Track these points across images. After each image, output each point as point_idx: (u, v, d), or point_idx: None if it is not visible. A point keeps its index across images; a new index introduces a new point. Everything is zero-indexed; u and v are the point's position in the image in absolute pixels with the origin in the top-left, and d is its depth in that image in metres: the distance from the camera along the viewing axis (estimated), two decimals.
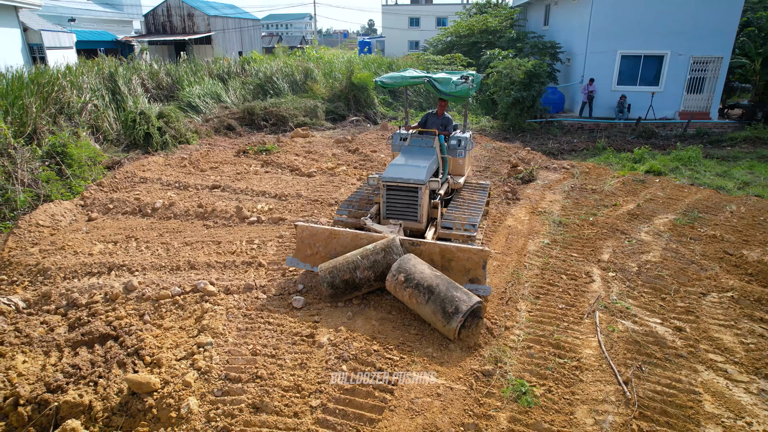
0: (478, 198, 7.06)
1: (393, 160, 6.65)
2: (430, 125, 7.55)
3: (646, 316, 5.28)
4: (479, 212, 6.50)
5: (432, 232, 6.18)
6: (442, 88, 6.53)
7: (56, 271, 6.29)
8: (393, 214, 6.23)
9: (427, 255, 5.29)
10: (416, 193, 6.03)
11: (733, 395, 4.10)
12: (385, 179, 6.13)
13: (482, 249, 5.17)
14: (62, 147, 10.93)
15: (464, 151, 7.34)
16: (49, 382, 4.28)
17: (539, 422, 3.77)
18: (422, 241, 5.41)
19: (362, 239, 5.50)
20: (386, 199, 6.20)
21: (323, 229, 5.69)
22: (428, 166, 6.29)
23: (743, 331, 4.99)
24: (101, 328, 5.02)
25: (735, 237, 7.32)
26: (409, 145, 7.01)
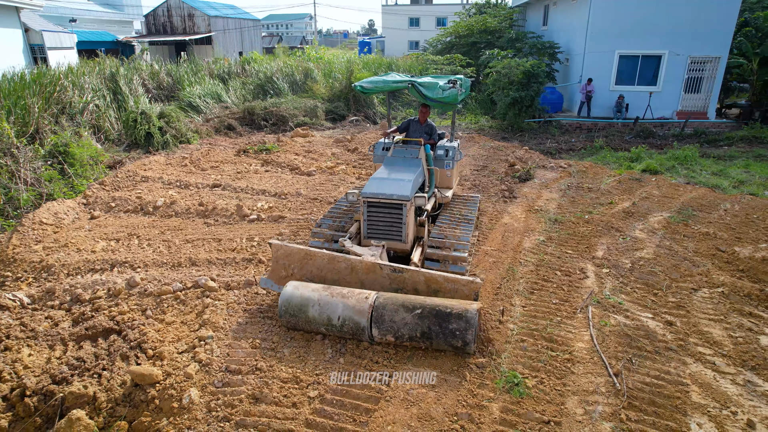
0: (468, 213, 6.62)
1: (375, 173, 6.07)
2: (412, 133, 7.03)
3: (638, 311, 5.39)
4: (470, 229, 6.07)
5: (418, 252, 5.63)
6: (428, 94, 6.00)
7: (60, 268, 6.40)
8: (375, 234, 5.66)
9: (411, 284, 4.78)
10: (400, 211, 5.46)
11: (720, 386, 4.21)
12: (365, 195, 5.56)
13: (473, 280, 4.60)
14: (64, 146, 11.06)
15: (452, 161, 6.88)
16: (54, 374, 4.40)
17: (530, 412, 3.88)
18: (405, 268, 4.83)
19: (339, 262, 4.99)
20: (367, 217, 5.63)
21: (298, 249, 5.15)
22: (413, 179, 5.76)
23: (732, 326, 5.10)
24: (104, 323, 5.14)
25: (728, 234, 7.43)
26: (392, 156, 6.46)
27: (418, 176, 5.97)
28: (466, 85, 6.95)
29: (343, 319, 4.51)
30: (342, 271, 4.99)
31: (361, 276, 4.90)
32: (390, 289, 4.77)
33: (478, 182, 10.13)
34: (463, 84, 6.74)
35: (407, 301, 4.45)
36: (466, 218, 6.41)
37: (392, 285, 4.82)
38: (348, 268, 4.96)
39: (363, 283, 4.92)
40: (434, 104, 6.28)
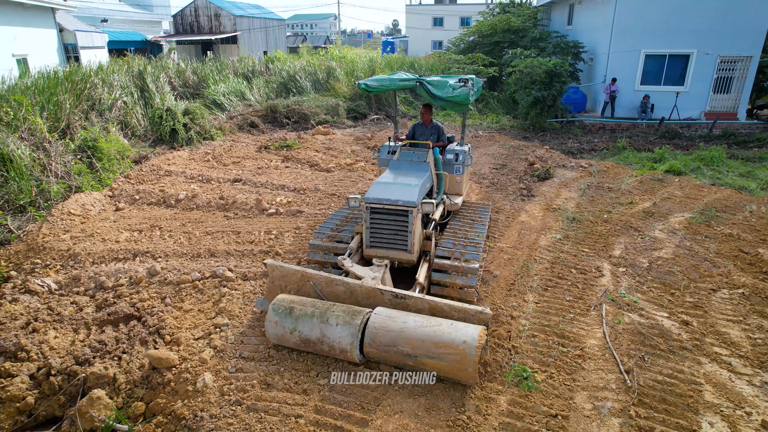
0: (479, 222, 6.22)
1: (379, 177, 5.72)
2: (419, 137, 6.68)
3: (654, 310, 5.33)
4: (482, 240, 5.65)
5: (424, 270, 5.16)
6: (437, 93, 5.65)
7: (86, 257, 6.64)
8: (378, 244, 5.26)
9: (414, 311, 4.37)
10: (406, 218, 5.07)
11: (735, 387, 4.14)
12: (368, 201, 5.18)
13: (482, 310, 4.11)
14: (93, 141, 11.41)
15: (462, 166, 6.51)
16: (77, 356, 4.58)
17: (538, 405, 3.89)
18: (408, 294, 4.37)
19: (338, 286, 4.61)
20: (370, 224, 5.25)
21: (294, 271, 4.79)
22: (420, 184, 5.41)
23: (751, 327, 5.00)
24: (126, 309, 5.32)
25: (752, 236, 7.26)
26: (398, 160, 6.10)
27: (425, 181, 5.64)
28: (478, 85, 6.58)
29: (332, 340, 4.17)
30: (341, 296, 4.65)
31: (361, 301, 4.57)
32: None
33: (496, 180, 10.10)
34: (475, 84, 6.35)
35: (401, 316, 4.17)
36: (478, 227, 6.02)
37: None
38: (347, 292, 4.61)
39: None
40: (444, 104, 5.86)
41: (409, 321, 4.05)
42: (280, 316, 4.39)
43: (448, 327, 3.94)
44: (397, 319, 4.09)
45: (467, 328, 3.91)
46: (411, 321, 4.05)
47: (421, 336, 3.93)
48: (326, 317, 4.23)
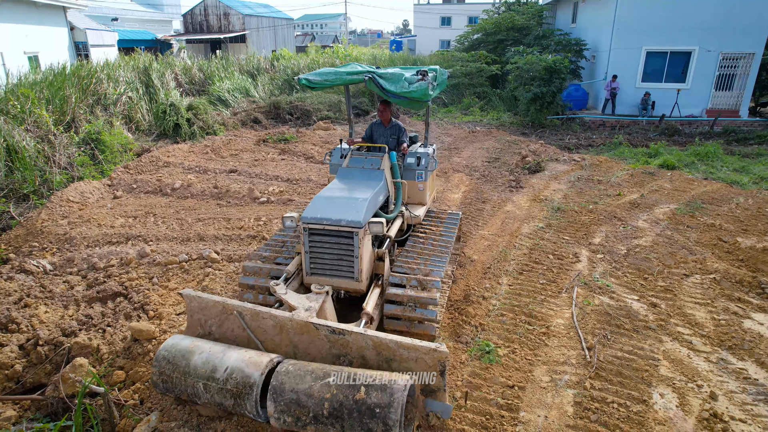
0: (444, 236, 5.37)
1: (321, 191, 4.83)
2: (377, 139, 5.76)
3: (625, 293, 5.45)
4: (444, 259, 4.83)
5: (374, 298, 4.32)
6: (389, 88, 4.72)
7: (81, 240, 6.90)
8: (320, 270, 4.45)
9: (356, 350, 3.57)
10: (351, 240, 4.25)
11: (692, 363, 4.26)
12: (306, 220, 4.35)
13: (437, 348, 3.32)
14: (97, 134, 11.72)
15: (425, 172, 5.62)
16: (64, 328, 4.82)
17: (496, 377, 4.04)
18: (347, 329, 3.54)
19: (265, 319, 3.78)
20: (309, 248, 4.40)
21: (214, 303, 3.97)
22: (370, 198, 4.57)
23: (717, 309, 5.11)
24: (114, 288, 5.56)
25: (734, 226, 7.33)
26: (347, 167, 5.23)
27: (377, 193, 4.82)
28: (442, 77, 5.78)
29: (230, 371, 3.36)
30: (269, 331, 3.81)
31: (293, 337, 3.74)
32: (330, 355, 3.65)
33: (487, 173, 10.23)
34: (438, 76, 5.55)
35: (319, 367, 3.32)
36: (441, 244, 5.15)
37: (332, 350, 3.64)
38: (276, 326, 3.77)
39: (296, 346, 3.74)
40: (399, 101, 5.00)
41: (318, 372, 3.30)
42: (175, 352, 3.61)
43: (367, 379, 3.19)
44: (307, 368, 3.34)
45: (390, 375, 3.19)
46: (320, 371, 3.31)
47: None
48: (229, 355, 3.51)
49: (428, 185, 5.82)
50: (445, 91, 22.89)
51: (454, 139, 13.95)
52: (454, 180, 9.72)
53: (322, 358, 3.64)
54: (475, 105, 20.98)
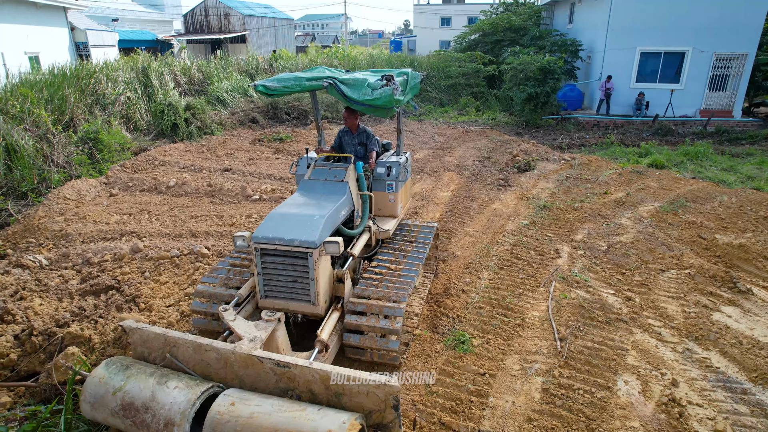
0: (415, 254, 5.00)
1: (278, 207, 4.51)
2: (346, 147, 5.52)
3: (601, 288, 5.62)
4: (411, 281, 4.48)
5: (331, 323, 4.07)
6: (351, 95, 4.44)
7: (76, 236, 7.09)
8: (274, 293, 4.19)
9: (304, 384, 3.37)
10: (305, 262, 3.98)
11: (658, 352, 4.43)
12: (257, 240, 4.08)
13: (386, 382, 3.12)
14: (95, 134, 11.93)
15: (396, 182, 5.28)
16: (58, 319, 5.01)
17: (469, 365, 4.22)
18: (292, 363, 3.33)
19: (207, 352, 3.56)
20: (262, 270, 4.13)
21: (156, 335, 3.76)
22: (328, 215, 4.25)
23: (689, 302, 5.27)
24: (107, 281, 5.74)
25: (715, 224, 7.49)
26: (309, 179, 4.90)
27: (338, 208, 4.49)
28: (414, 81, 5.33)
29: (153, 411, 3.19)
30: (213, 364, 3.59)
31: (239, 371, 3.54)
32: (277, 389, 3.45)
33: (477, 172, 10.40)
34: (410, 80, 5.13)
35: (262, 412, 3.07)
36: (410, 263, 4.81)
37: (279, 383, 3.45)
38: (220, 360, 3.55)
39: (242, 379, 3.55)
40: (362, 108, 4.59)
41: (265, 405, 3.14)
42: (110, 371, 3.43)
43: (312, 414, 3.04)
44: (249, 402, 3.16)
45: (338, 416, 3.00)
46: (267, 405, 3.14)
47: (273, 425, 2.99)
48: (167, 379, 3.36)
49: (400, 196, 5.45)
50: (442, 91, 23.09)
51: (448, 138, 14.12)
52: (444, 179, 9.90)
53: (270, 392, 3.44)
54: (471, 105, 21.15)
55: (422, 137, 14.25)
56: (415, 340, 4.61)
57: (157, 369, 3.51)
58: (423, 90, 22.80)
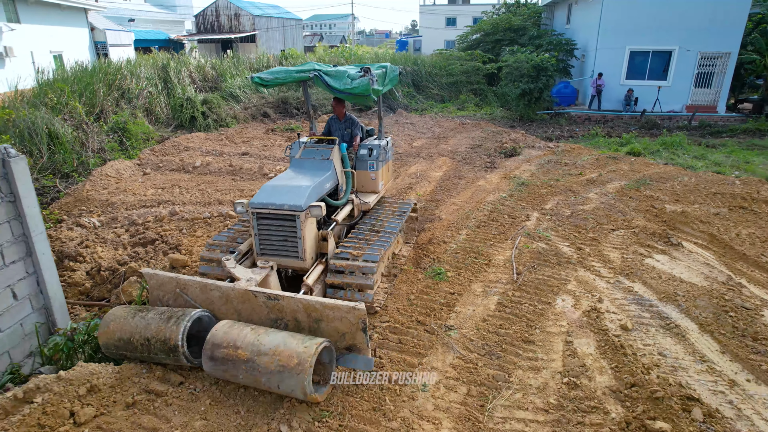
0: (390, 223, 5.79)
1: (271, 180, 5.36)
2: (334, 132, 6.39)
3: (559, 241, 6.80)
4: (384, 245, 5.25)
5: (316, 272, 4.90)
6: (334, 84, 5.21)
7: (120, 205, 8.36)
8: (268, 251, 4.97)
9: (290, 313, 4.09)
10: (294, 223, 4.77)
11: (594, 283, 5.62)
12: (254, 206, 4.86)
13: (356, 306, 3.81)
14: (123, 124, 13.24)
15: (377, 162, 6.13)
16: (118, 260, 6.26)
17: (442, 288, 5.43)
18: (280, 294, 4.09)
19: (212, 291, 4.31)
20: (258, 231, 4.95)
21: (169, 279, 4.51)
22: (314, 185, 5.05)
23: (629, 252, 6.45)
24: (152, 236, 7.00)
25: (670, 197, 8.63)
26: (299, 158, 5.72)
27: (324, 181, 5.31)
28: (393, 73, 6.16)
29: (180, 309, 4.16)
30: (216, 301, 4.34)
31: (237, 306, 4.28)
32: (268, 319, 4.17)
33: (468, 157, 11.60)
34: (388, 73, 5.95)
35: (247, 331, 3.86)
36: (385, 231, 5.58)
37: (270, 315, 4.17)
38: (222, 297, 4.30)
39: (239, 312, 4.28)
40: (344, 96, 5.43)
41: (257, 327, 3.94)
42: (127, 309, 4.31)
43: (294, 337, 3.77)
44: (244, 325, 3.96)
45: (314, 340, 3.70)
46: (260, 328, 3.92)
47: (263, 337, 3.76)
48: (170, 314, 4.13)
49: (380, 175, 6.27)
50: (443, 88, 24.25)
51: (445, 129, 15.33)
52: (438, 162, 11.11)
53: (263, 322, 4.17)
54: (470, 101, 22.30)
55: (421, 128, 15.46)
56: (402, 273, 5.82)
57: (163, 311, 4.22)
58: (425, 87, 24.01)
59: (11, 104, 12.26)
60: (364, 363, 3.89)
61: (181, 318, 4.00)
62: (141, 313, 4.19)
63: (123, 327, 4.12)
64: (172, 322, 3.99)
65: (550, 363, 4.23)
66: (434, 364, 4.20)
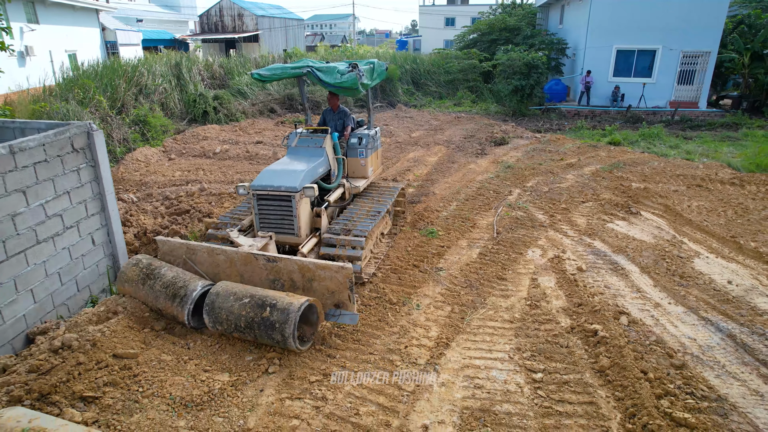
0: (377, 205, 6.34)
1: (270, 165, 5.93)
2: (328, 123, 6.97)
3: (535, 210, 7.95)
4: (371, 222, 5.79)
5: (311, 243, 5.50)
6: (325, 79, 5.75)
7: (153, 184, 9.49)
8: (268, 228, 5.55)
9: (286, 273, 4.63)
10: (290, 203, 5.32)
11: (561, 240, 6.76)
12: (254, 188, 5.43)
13: (343, 266, 4.34)
14: (143, 117, 14.37)
15: (366, 150, 6.67)
16: (161, 225, 7.40)
17: (434, 243, 6.58)
18: (278, 257, 4.66)
19: (218, 255, 4.91)
20: (258, 210, 5.52)
21: (180, 244, 5.09)
22: (307, 170, 5.57)
23: (593, 218, 7.59)
24: (186, 207, 8.13)
25: (638, 178, 9.77)
26: (295, 146, 6.28)
27: (317, 166, 5.84)
28: (380, 68, 6.73)
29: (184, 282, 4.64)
30: (221, 264, 4.91)
31: (240, 268, 4.82)
32: (267, 280, 4.73)
33: (461, 145, 12.75)
34: (376, 68, 6.52)
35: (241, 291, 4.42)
36: (373, 211, 6.13)
37: (269, 276, 4.73)
38: (227, 260, 4.86)
39: (242, 275, 4.82)
40: (334, 90, 5.98)
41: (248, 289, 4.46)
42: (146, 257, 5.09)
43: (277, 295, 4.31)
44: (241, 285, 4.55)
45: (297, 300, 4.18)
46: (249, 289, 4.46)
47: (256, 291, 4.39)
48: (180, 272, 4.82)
49: (370, 161, 6.83)
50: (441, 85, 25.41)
51: (441, 122, 16.48)
52: (434, 150, 12.26)
53: (262, 283, 4.75)
54: (467, 98, 23.45)
55: (419, 122, 16.61)
56: (401, 233, 6.96)
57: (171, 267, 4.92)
58: (424, 84, 25.18)
59: (45, 99, 13.40)
60: (350, 318, 4.46)
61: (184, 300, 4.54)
62: (150, 282, 4.79)
63: (136, 292, 4.86)
64: (177, 302, 4.57)
65: (518, 292, 5.38)
66: (426, 293, 5.35)
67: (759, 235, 6.81)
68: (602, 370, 4.07)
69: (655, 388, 3.75)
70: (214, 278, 4.99)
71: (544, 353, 4.33)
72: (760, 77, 19.70)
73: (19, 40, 20.25)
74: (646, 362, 4.08)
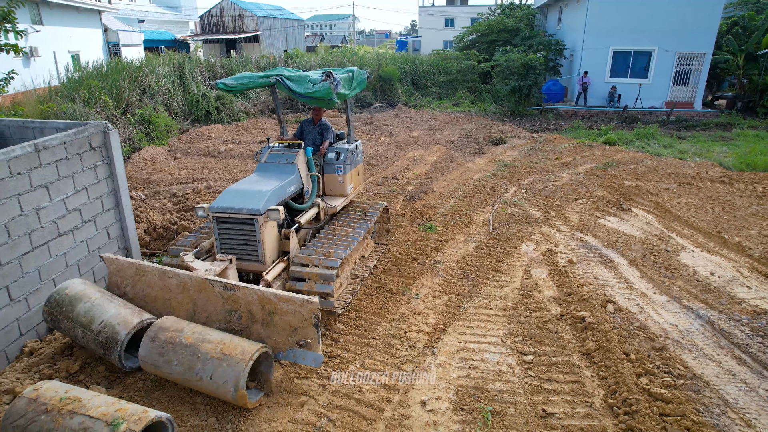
0: (355, 228, 5.71)
1: (234, 184, 5.35)
2: (306, 136, 6.38)
3: (529, 207, 8.25)
4: (351, 245, 5.25)
5: (277, 269, 4.94)
6: (296, 89, 5.20)
7: (160, 182, 9.78)
8: (228, 253, 4.97)
9: (245, 304, 4.09)
10: (252, 227, 4.79)
11: (554, 235, 7.06)
12: (213, 210, 4.91)
13: (309, 300, 3.83)
14: (147, 117, 14.67)
15: (344, 165, 6.03)
16: (170, 221, 7.69)
17: (432, 237, 6.88)
18: (237, 285, 4.10)
19: (170, 279, 4.35)
20: (218, 234, 4.98)
21: (129, 264, 4.54)
22: (273, 190, 5.03)
23: (586, 214, 7.89)
24: (193, 204, 8.42)
25: (630, 176, 10.07)
26: (265, 162, 5.67)
27: (286, 185, 5.29)
28: (360, 77, 6.09)
29: (104, 325, 3.98)
30: (173, 289, 4.36)
31: (193, 294, 4.28)
32: (223, 311, 4.16)
33: (459, 145, 13.05)
34: (355, 77, 5.92)
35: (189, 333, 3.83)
36: (351, 234, 5.54)
37: (225, 306, 4.16)
38: (179, 285, 4.31)
39: (195, 303, 4.27)
40: (306, 101, 5.41)
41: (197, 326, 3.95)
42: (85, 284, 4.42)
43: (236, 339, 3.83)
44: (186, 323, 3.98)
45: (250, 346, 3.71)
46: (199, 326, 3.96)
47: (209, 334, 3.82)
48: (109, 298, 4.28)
49: (349, 178, 6.18)
50: (440, 86, 25.72)
51: (440, 123, 16.79)
52: (433, 149, 12.56)
53: (217, 314, 4.18)
54: (466, 98, 23.76)
55: (419, 122, 16.92)
56: (401, 227, 7.26)
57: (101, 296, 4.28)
58: (424, 84, 25.48)
59: (52, 99, 13.70)
60: (314, 359, 3.86)
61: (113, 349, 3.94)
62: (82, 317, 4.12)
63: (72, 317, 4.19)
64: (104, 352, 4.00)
65: (511, 283, 5.68)
66: (424, 283, 5.66)
67: (743, 230, 7.12)
68: (588, 352, 4.37)
69: (636, 368, 4.05)
70: (164, 305, 4.43)
71: (535, 338, 4.63)
72: (754, 78, 20.04)
73: (24, 42, 20.55)
74: (629, 345, 4.38)
